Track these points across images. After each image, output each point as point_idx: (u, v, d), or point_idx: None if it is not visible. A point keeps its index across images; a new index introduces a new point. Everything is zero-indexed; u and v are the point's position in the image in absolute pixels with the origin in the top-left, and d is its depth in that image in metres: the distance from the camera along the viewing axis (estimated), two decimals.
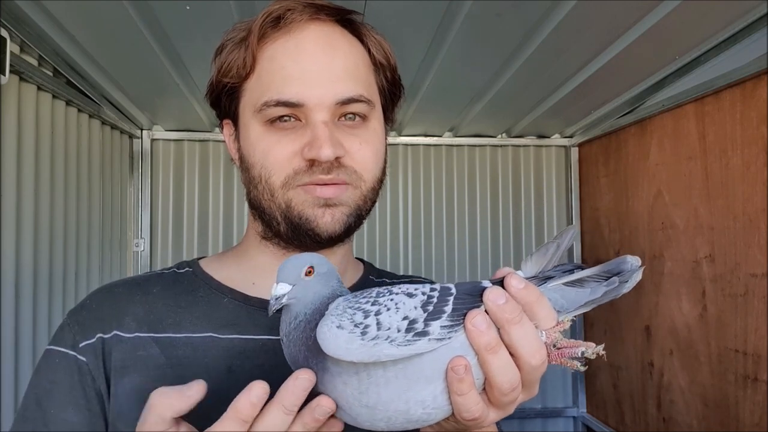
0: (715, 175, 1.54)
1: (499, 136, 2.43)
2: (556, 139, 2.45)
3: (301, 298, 0.55)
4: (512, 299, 0.53)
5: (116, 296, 0.74)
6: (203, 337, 0.71)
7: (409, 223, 2.41)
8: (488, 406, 0.54)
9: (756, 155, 1.40)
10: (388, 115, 0.80)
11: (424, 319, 0.51)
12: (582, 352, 0.53)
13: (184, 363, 0.69)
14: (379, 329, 0.50)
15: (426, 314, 0.52)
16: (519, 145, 2.46)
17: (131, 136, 2.18)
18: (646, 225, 1.88)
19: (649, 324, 1.87)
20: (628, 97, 1.80)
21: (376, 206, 0.78)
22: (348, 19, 0.74)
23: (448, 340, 0.52)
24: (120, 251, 2.09)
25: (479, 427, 0.56)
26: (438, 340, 0.51)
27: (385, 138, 0.78)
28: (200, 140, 2.28)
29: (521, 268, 0.59)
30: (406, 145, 2.40)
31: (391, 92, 0.79)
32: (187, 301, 0.74)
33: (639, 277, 0.56)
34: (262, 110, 0.69)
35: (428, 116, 2.12)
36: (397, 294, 0.54)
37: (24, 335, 1.41)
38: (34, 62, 1.42)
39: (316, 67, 0.69)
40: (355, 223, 0.73)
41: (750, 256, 1.42)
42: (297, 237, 0.72)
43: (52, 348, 0.71)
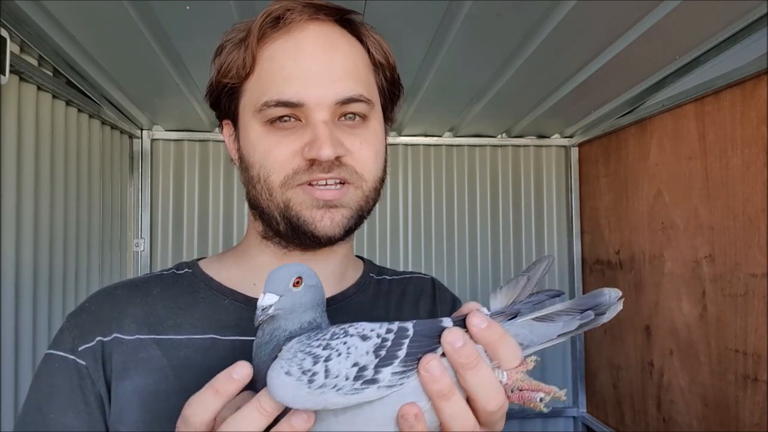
0: (715, 175, 1.54)
1: (499, 136, 2.43)
2: (556, 139, 2.45)
3: (288, 309, 0.54)
4: (470, 342, 0.51)
5: (116, 298, 0.74)
6: (205, 338, 0.71)
7: (409, 223, 2.41)
8: None
9: (756, 155, 1.40)
10: (388, 115, 0.80)
11: (375, 366, 0.50)
12: (541, 399, 0.52)
13: (186, 365, 0.69)
14: (327, 377, 0.49)
15: (378, 360, 0.50)
16: (519, 145, 2.46)
17: (131, 136, 2.18)
18: (646, 225, 1.88)
19: (649, 324, 1.87)
20: (628, 97, 1.80)
21: (376, 206, 0.77)
22: (347, 19, 0.74)
23: (399, 386, 0.50)
24: (120, 251, 2.09)
25: None
26: (388, 387, 0.50)
27: (385, 137, 0.78)
28: (200, 140, 2.28)
29: (490, 302, 0.57)
30: (406, 145, 2.40)
31: (391, 92, 0.79)
32: (188, 302, 0.74)
33: (619, 308, 0.54)
34: (262, 110, 0.69)
35: (428, 116, 2.12)
36: (352, 336, 0.52)
37: (24, 335, 1.41)
38: (34, 62, 1.42)
39: (315, 66, 0.68)
40: (355, 224, 0.73)
41: (750, 256, 1.42)
42: (297, 236, 0.71)
43: (51, 352, 0.71)
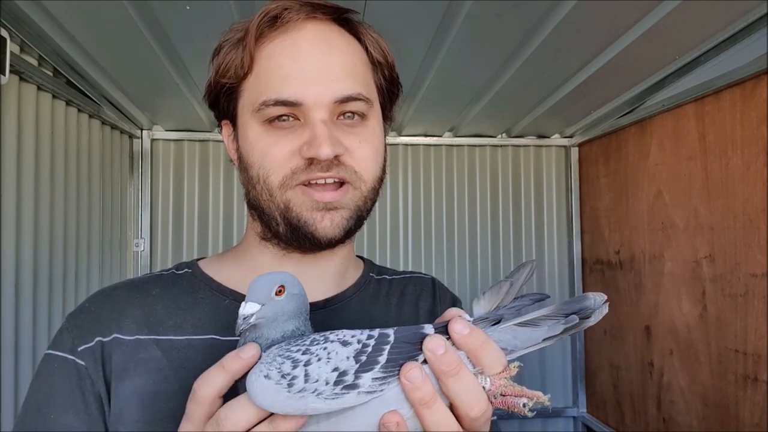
0: (715, 175, 1.54)
1: (499, 136, 2.43)
2: (556, 139, 2.45)
3: (271, 317, 0.54)
4: (452, 349, 0.51)
5: (115, 299, 0.74)
6: (205, 339, 0.71)
7: (409, 223, 2.41)
8: None
9: (756, 155, 1.40)
10: (387, 114, 0.79)
11: (355, 371, 0.49)
12: (524, 404, 0.51)
13: (186, 365, 0.69)
14: (307, 381, 0.48)
15: (358, 365, 0.50)
16: (519, 145, 2.46)
17: (131, 136, 2.18)
18: (646, 225, 1.88)
19: (649, 324, 1.87)
20: (628, 97, 1.80)
21: (376, 206, 0.77)
22: (345, 18, 0.74)
23: (380, 393, 0.50)
24: (120, 251, 2.09)
25: None
26: (368, 393, 0.49)
27: (384, 136, 0.77)
28: (200, 140, 2.28)
29: (473, 307, 0.56)
30: (406, 145, 2.40)
31: (390, 90, 0.79)
32: (188, 302, 0.74)
33: (605, 311, 0.54)
34: (261, 110, 0.68)
35: (428, 116, 2.12)
36: (332, 342, 0.51)
37: (24, 335, 1.41)
38: (34, 62, 1.42)
39: (313, 66, 0.68)
40: (355, 225, 0.73)
41: (750, 256, 1.42)
42: (296, 239, 0.71)
43: (51, 352, 0.71)
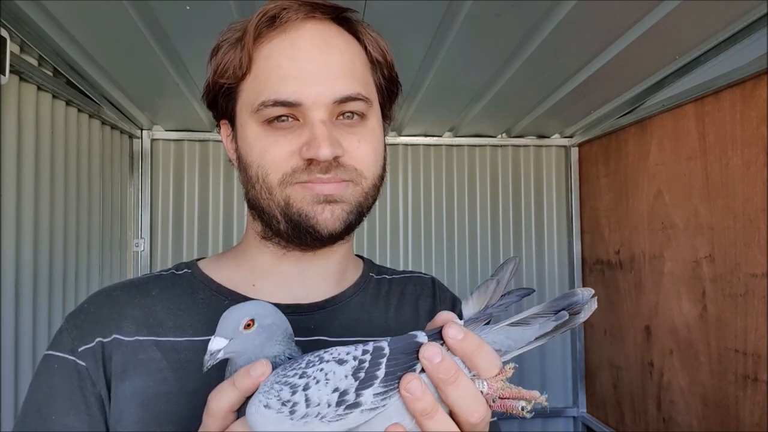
0: (715, 175, 1.54)
1: (499, 136, 2.43)
2: (556, 139, 2.45)
3: (242, 352, 0.53)
4: (448, 356, 0.51)
5: (115, 299, 0.73)
6: (205, 340, 0.70)
7: (409, 223, 2.41)
8: None
9: (756, 155, 1.40)
10: (387, 113, 0.79)
11: (356, 389, 0.49)
12: (522, 407, 0.52)
13: (186, 367, 0.69)
14: (309, 406, 0.48)
15: (357, 382, 0.49)
16: (519, 145, 2.46)
17: (131, 136, 2.18)
18: (646, 225, 1.88)
19: (649, 324, 1.87)
20: (628, 97, 1.80)
21: (376, 205, 0.77)
22: (344, 17, 0.73)
23: (382, 408, 0.49)
24: (120, 251, 2.09)
25: None
26: (371, 410, 0.49)
27: (384, 136, 0.77)
28: (200, 140, 2.28)
29: (462, 309, 0.56)
30: (406, 145, 2.40)
31: (389, 90, 0.78)
32: (187, 303, 0.74)
33: (594, 306, 0.54)
34: (260, 110, 0.68)
35: (428, 116, 2.12)
36: (327, 362, 0.51)
37: (24, 335, 1.41)
38: (34, 62, 1.42)
39: (312, 65, 0.68)
40: (355, 220, 0.73)
41: (750, 256, 1.42)
42: (297, 235, 0.71)
43: (50, 353, 0.70)
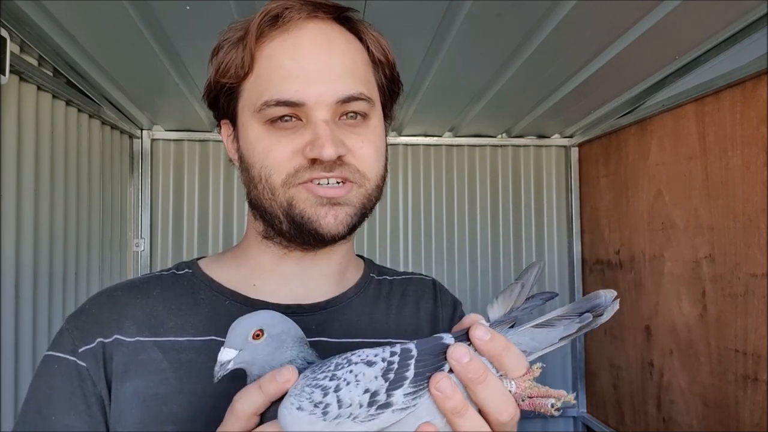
0: (715, 175, 1.54)
1: (499, 136, 2.43)
2: (556, 139, 2.45)
3: (252, 361, 0.54)
4: (476, 356, 0.52)
5: (116, 300, 0.73)
6: (206, 340, 0.71)
7: (409, 223, 2.41)
8: None
9: (756, 155, 1.40)
10: (388, 113, 0.79)
11: (386, 390, 0.50)
12: (552, 404, 0.53)
13: (187, 367, 0.68)
14: (341, 407, 0.49)
15: (387, 383, 0.50)
16: (519, 145, 2.46)
17: (131, 136, 2.18)
18: (646, 225, 1.88)
19: (649, 324, 1.87)
20: (628, 97, 1.80)
21: (376, 205, 0.77)
22: (346, 17, 0.73)
23: (413, 408, 0.50)
24: (120, 251, 2.09)
25: None
26: (402, 410, 0.50)
27: (386, 136, 0.77)
28: (200, 140, 2.28)
29: (488, 313, 0.57)
30: (406, 145, 2.40)
31: (391, 89, 0.78)
32: (188, 303, 0.74)
33: (616, 308, 0.55)
34: (262, 110, 0.68)
35: (428, 116, 2.12)
36: (356, 364, 0.52)
37: (24, 336, 1.41)
38: (34, 62, 1.42)
39: (314, 65, 0.68)
40: (358, 221, 0.73)
41: (750, 256, 1.42)
42: (300, 236, 0.71)
43: (51, 354, 0.70)
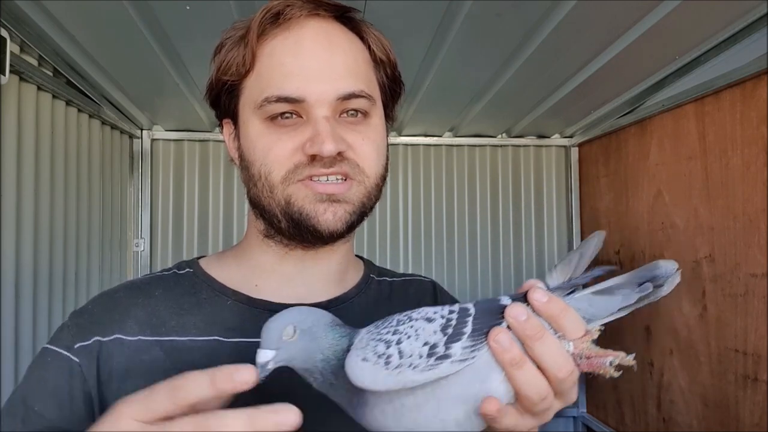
0: (715, 175, 1.54)
1: (499, 136, 2.42)
2: (556, 139, 2.45)
3: (291, 358, 0.55)
4: (534, 316, 0.53)
5: (117, 300, 0.74)
6: (208, 340, 0.71)
7: (409, 223, 2.41)
8: (522, 415, 0.55)
9: (756, 155, 1.39)
10: (389, 113, 0.79)
11: (445, 342, 0.53)
12: (611, 362, 0.53)
13: (190, 367, 0.68)
14: (402, 357, 0.52)
15: (446, 337, 0.53)
16: (519, 145, 2.45)
17: (131, 136, 2.18)
18: (646, 225, 1.88)
19: (649, 324, 1.87)
20: (628, 97, 1.79)
21: (376, 205, 0.77)
22: (347, 16, 0.74)
23: (471, 360, 0.53)
24: (120, 251, 2.09)
25: None
26: (461, 361, 0.52)
27: (387, 135, 0.77)
28: (200, 140, 2.27)
29: (546, 280, 0.59)
30: (406, 145, 2.39)
31: (392, 89, 0.79)
32: (190, 303, 0.74)
33: (677, 280, 0.56)
34: (263, 106, 0.68)
35: (428, 116, 2.12)
36: (417, 320, 0.55)
37: (24, 335, 1.41)
38: (34, 62, 1.42)
39: (315, 63, 0.68)
40: (357, 220, 0.73)
41: (750, 256, 1.42)
42: (299, 233, 0.71)
43: (47, 347, 0.71)
